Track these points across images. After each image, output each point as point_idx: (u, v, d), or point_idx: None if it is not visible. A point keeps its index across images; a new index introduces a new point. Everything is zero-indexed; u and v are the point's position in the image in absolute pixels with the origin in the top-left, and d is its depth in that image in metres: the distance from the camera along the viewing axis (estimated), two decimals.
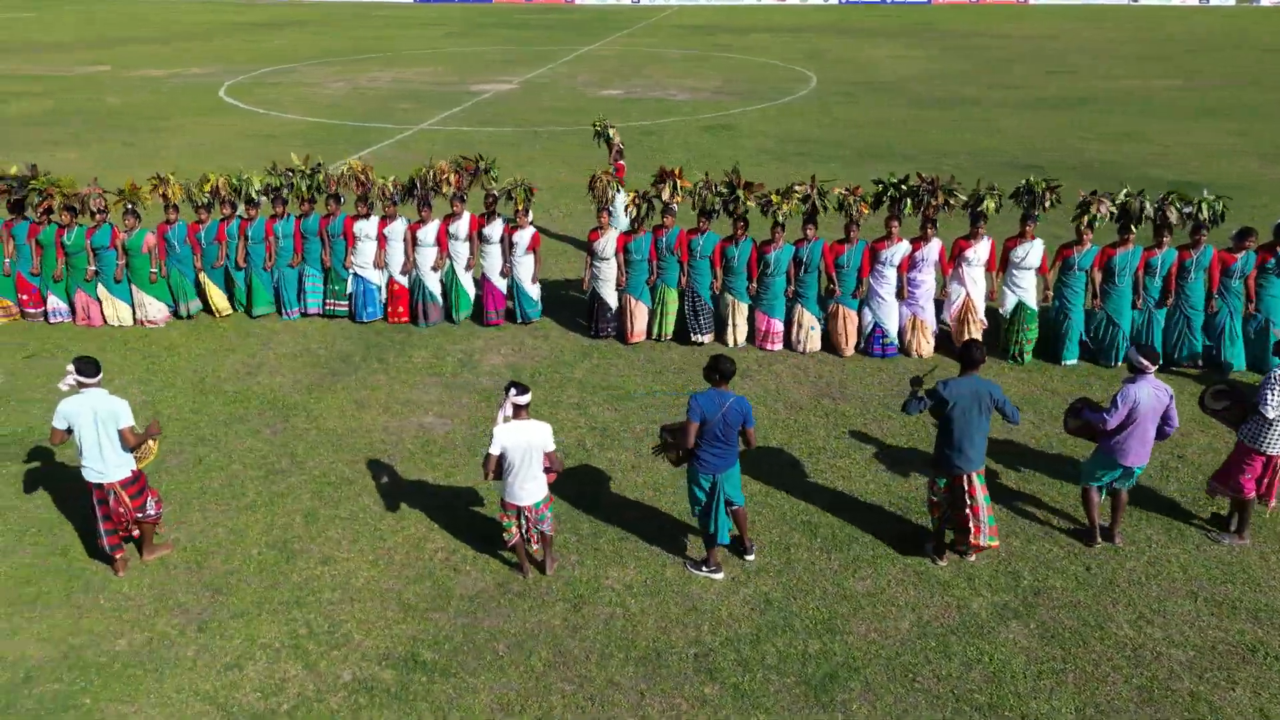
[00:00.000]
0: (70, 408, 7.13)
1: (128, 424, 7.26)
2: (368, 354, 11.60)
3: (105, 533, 7.42)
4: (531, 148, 23.08)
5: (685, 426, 6.97)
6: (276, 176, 12.55)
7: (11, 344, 11.89)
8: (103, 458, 7.22)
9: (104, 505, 7.36)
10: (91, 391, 7.21)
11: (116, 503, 7.37)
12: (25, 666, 6.65)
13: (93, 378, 7.18)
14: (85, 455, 7.20)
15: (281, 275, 12.51)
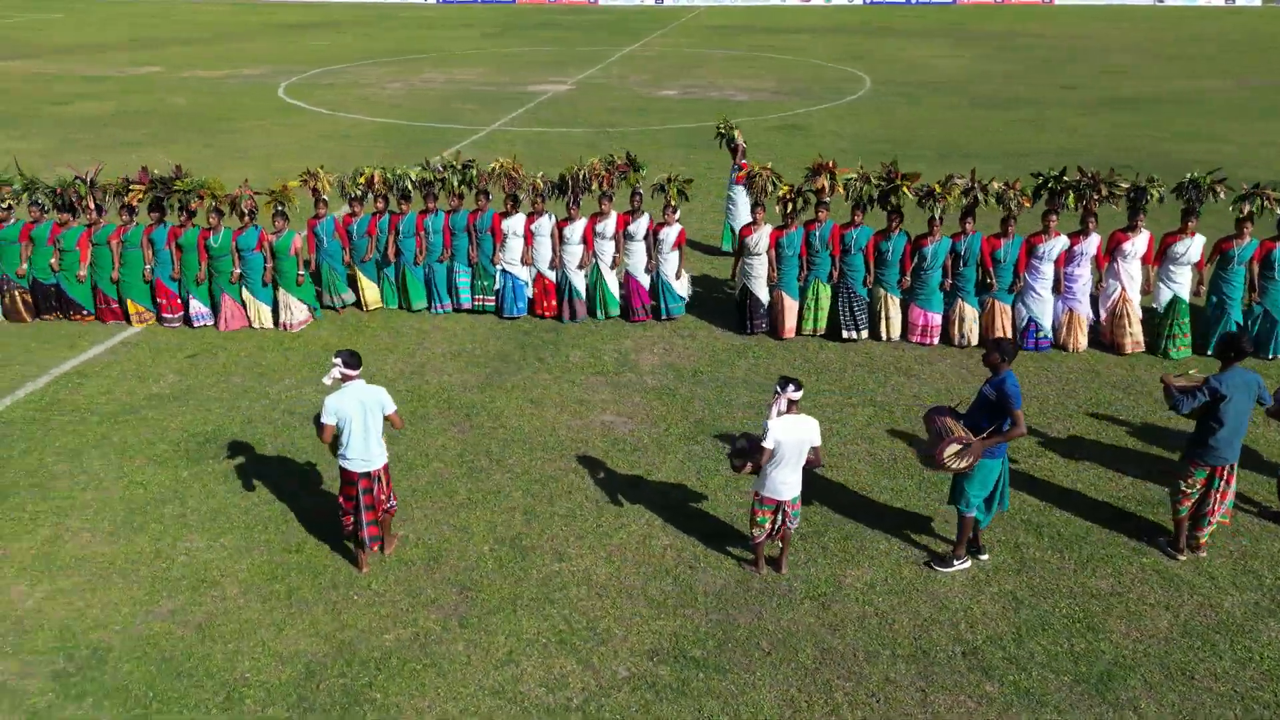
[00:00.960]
0: (339, 402, 7.24)
1: (393, 409, 7.38)
2: (524, 353, 11.67)
3: (367, 523, 7.52)
4: (609, 147, 23.10)
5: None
6: (429, 171, 12.62)
7: (169, 345, 11.97)
8: (368, 446, 7.34)
9: (369, 494, 7.47)
10: (354, 383, 7.32)
11: (380, 490, 7.49)
12: (303, 662, 6.74)
13: (356, 369, 7.28)
14: (351, 446, 7.30)
15: (432, 270, 12.59)
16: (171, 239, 12.23)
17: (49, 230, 12.32)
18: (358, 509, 7.52)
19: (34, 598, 7.41)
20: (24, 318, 12.60)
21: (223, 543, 8.09)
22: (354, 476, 7.43)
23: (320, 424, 7.35)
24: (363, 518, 7.52)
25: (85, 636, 7.00)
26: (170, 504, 8.62)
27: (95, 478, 9.04)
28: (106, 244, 12.26)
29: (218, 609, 7.27)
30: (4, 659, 6.80)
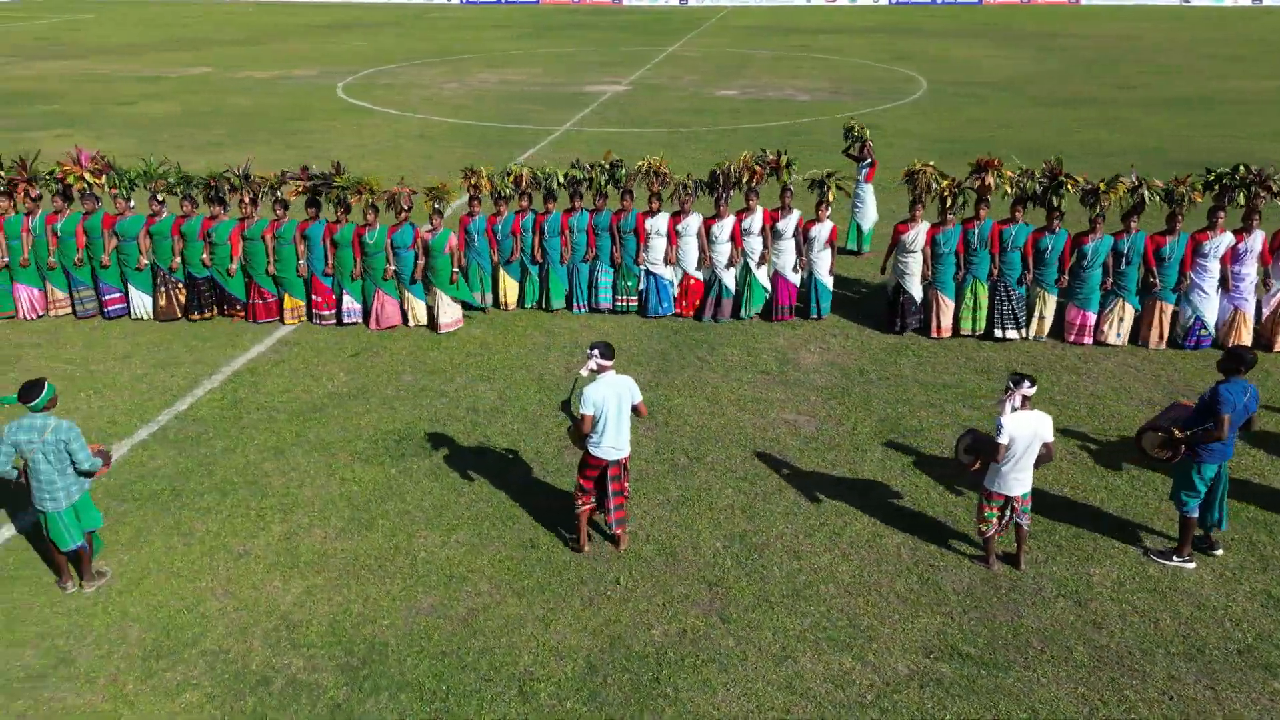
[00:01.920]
0: (598, 393, 7.33)
1: (640, 398, 7.48)
2: (682, 352, 11.73)
3: (614, 507, 7.68)
4: (691, 147, 23.17)
5: None
6: (579, 169, 12.66)
7: (329, 344, 12.04)
8: (620, 435, 7.43)
9: (617, 481, 7.59)
10: (609, 374, 7.40)
11: (625, 478, 7.59)
12: (581, 657, 6.80)
13: (611, 360, 7.36)
14: (605, 435, 7.38)
15: (575, 270, 12.64)
16: (327, 235, 12.27)
17: (199, 224, 12.38)
18: (604, 495, 7.64)
19: (292, 593, 7.48)
20: (175, 314, 12.71)
21: (456, 539, 8.15)
22: (604, 464, 7.52)
23: (576, 414, 7.45)
24: (610, 503, 7.67)
25: (357, 631, 7.06)
26: (390, 500, 8.68)
27: (306, 475, 9.10)
28: (260, 239, 12.33)
29: (476, 604, 7.33)
30: (284, 653, 6.86)
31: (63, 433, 7.03)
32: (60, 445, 7.03)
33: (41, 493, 7.11)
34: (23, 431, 6.97)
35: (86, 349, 11.95)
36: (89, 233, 12.47)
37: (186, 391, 10.78)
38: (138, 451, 9.55)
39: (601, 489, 7.73)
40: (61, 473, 7.10)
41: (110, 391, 10.81)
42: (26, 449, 6.98)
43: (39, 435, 6.97)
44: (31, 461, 7.02)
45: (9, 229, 12.44)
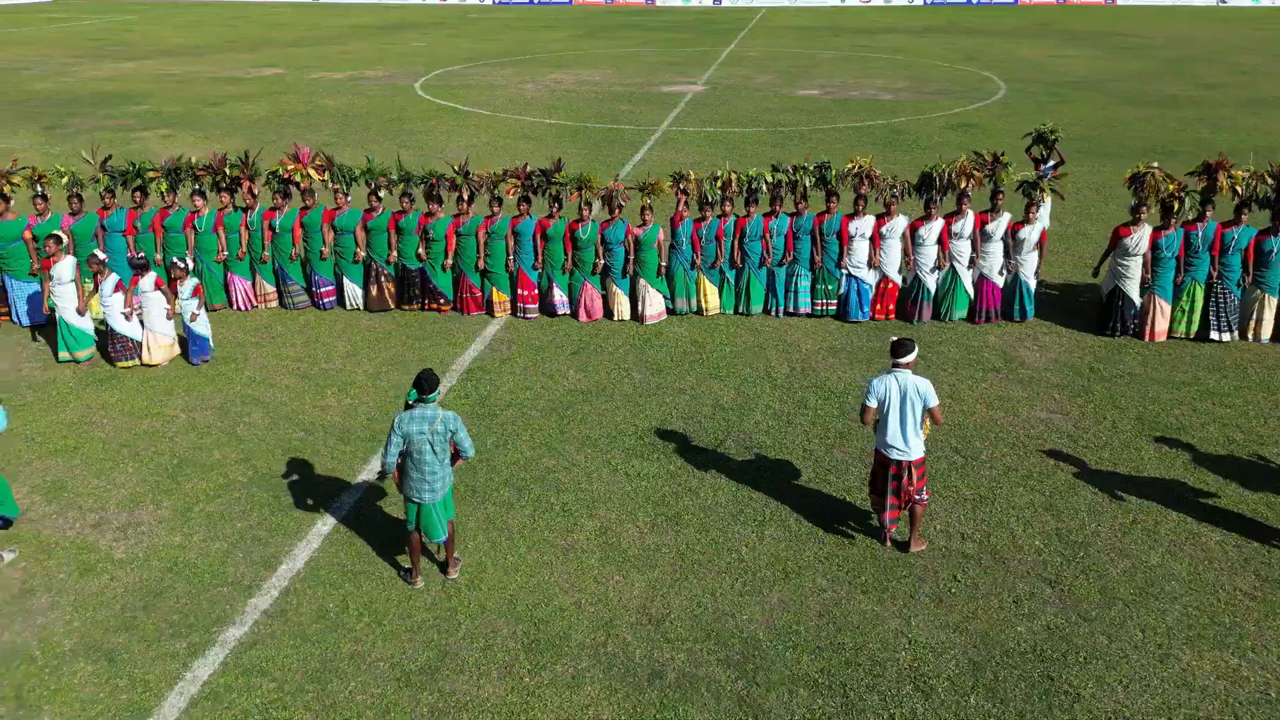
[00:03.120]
0: (885, 386, 7.38)
1: (935, 403, 7.49)
2: None
3: (890, 506, 7.69)
4: (798, 146, 23.18)
5: None
6: (782, 173, 12.70)
7: (547, 342, 12.10)
8: (904, 434, 7.46)
9: (896, 481, 7.60)
10: (902, 371, 7.44)
11: (908, 480, 7.61)
12: (959, 653, 6.85)
13: (903, 356, 7.40)
14: (889, 433, 7.42)
15: (774, 274, 12.68)
16: (539, 231, 12.37)
17: (416, 220, 12.53)
18: (883, 493, 7.67)
19: (637, 587, 7.54)
20: (388, 304, 12.97)
21: (771, 534, 8.20)
22: (884, 461, 7.57)
23: (863, 405, 7.51)
24: (887, 501, 7.68)
25: (720, 625, 7.13)
26: (685, 496, 8.76)
27: (588, 471, 9.17)
28: (474, 235, 12.43)
29: (826, 599, 7.40)
30: (660, 647, 6.93)
31: (451, 423, 7.11)
32: (448, 436, 7.09)
33: (423, 484, 7.18)
34: (414, 422, 7.04)
35: (306, 347, 12.01)
36: (307, 227, 12.71)
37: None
38: None
39: (883, 486, 7.76)
40: (442, 463, 7.17)
41: (354, 390, 10.87)
42: (416, 439, 7.04)
43: (429, 425, 7.03)
44: (418, 452, 7.09)
45: (228, 224, 12.70)
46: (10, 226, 12.16)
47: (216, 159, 12.92)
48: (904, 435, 7.54)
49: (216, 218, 12.66)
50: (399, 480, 7.37)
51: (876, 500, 7.90)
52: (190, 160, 13.01)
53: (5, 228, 12.15)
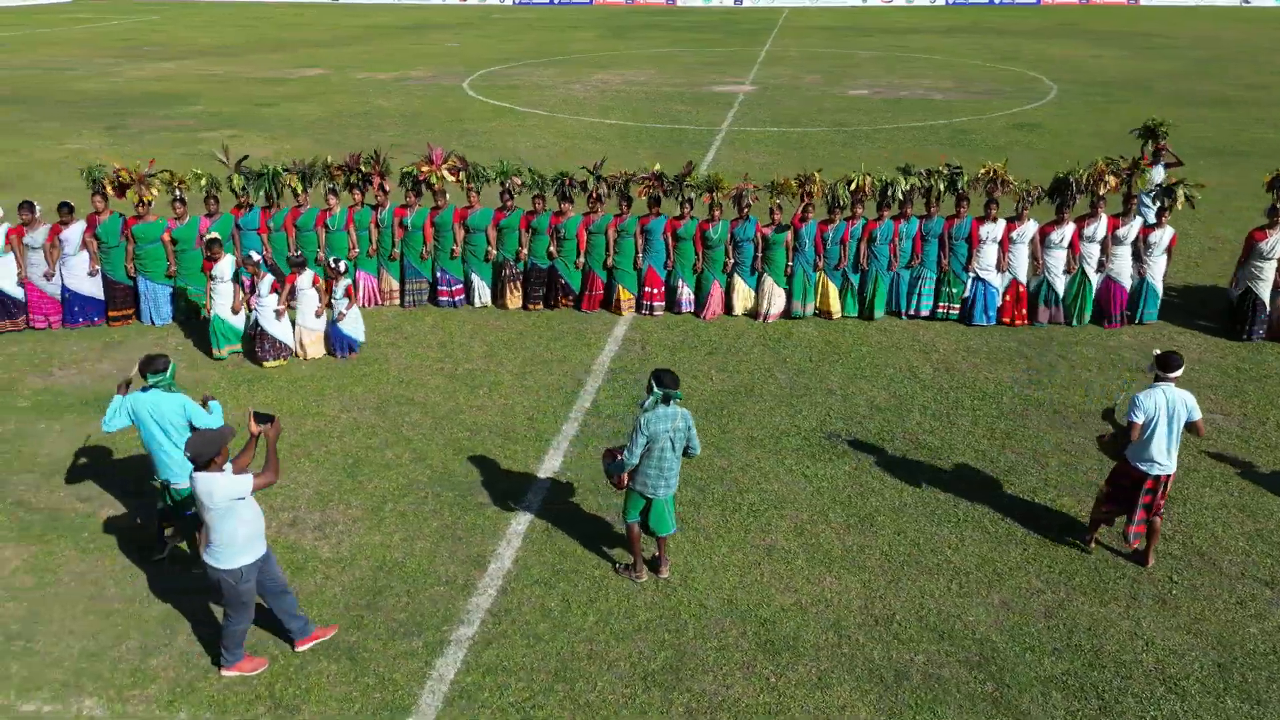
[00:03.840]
0: (1154, 401, 7.37)
1: (1199, 416, 7.48)
2: (1038, 351, 11.79)
3: (1137, 520, 7.67)
4: (866, 146, 23.21)
5: None
6: (915, 176, 12.70)
7: (682, 342, 12.13)
8: (1169, 450, 7.46)
9: (1150, 495, 7.59)
10: (1169, 385, 7.44)
11: (1161, 496, 7.60)
12: (1202, 655, 6.86)
13: (1171, 371, 7.40)
14: (1153, 448, 7.42)
15: (899, 277, 12.68)
16: (669, 230, 12.48)
17: (548, 219, 12.66)
18: (1131, 506, 7.65)
19: (852, 588, 7.59)
20: (516, 302, 13.11)
21: (969, 535, 8.23)
22: (1140, 476, 7.54)
23: (1122, 421, 7.50)
24: (1135, 515, 7.67)
25: (949, 626, 7.16)
26: (869, 497, 8.80)
27: (763, 471, 9.22)
28: (604, 233, 12.52)
29: (1047, 601, 7.43)
30: (895, 647, 6.96)
31: (689, 420, 7.13)
32: (687, 433, 7.11)
33: (660, 480, 7.21)
34: (661, 421, 7.08)
35: (443, 347, 12.02)
36: (439, 226, 12.74)
37: (578, 390, 10.84)
38: (582, 449, 9.60)
39: (1130, 500, 7.74)
40: (677, 459, 7.19)
41: (503, 390, 10.87)
42: (661, 437, 7.06)
43: (671, 423, 7.05)
44: (660, 450, 7.10)
45: (359, 221, 12.72)
46: (150, 228, 12.18)
47: (351, 158, 12.94)
48: (1168, 450, 7.51)
49: (347, 215, 12.67)
50: (627, 479, 7.37)
51: (1110, 511, 7.84)
52: (326, 159, 13.02)
53: (145, 229, 12.16)
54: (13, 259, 12.09)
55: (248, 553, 6.36)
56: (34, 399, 10.64)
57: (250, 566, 6.38)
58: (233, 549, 6.30)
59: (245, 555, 6.35)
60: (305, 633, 6.88)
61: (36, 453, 9.55)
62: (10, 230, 12.01)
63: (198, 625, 7.23)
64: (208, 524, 6.28)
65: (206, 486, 6.14)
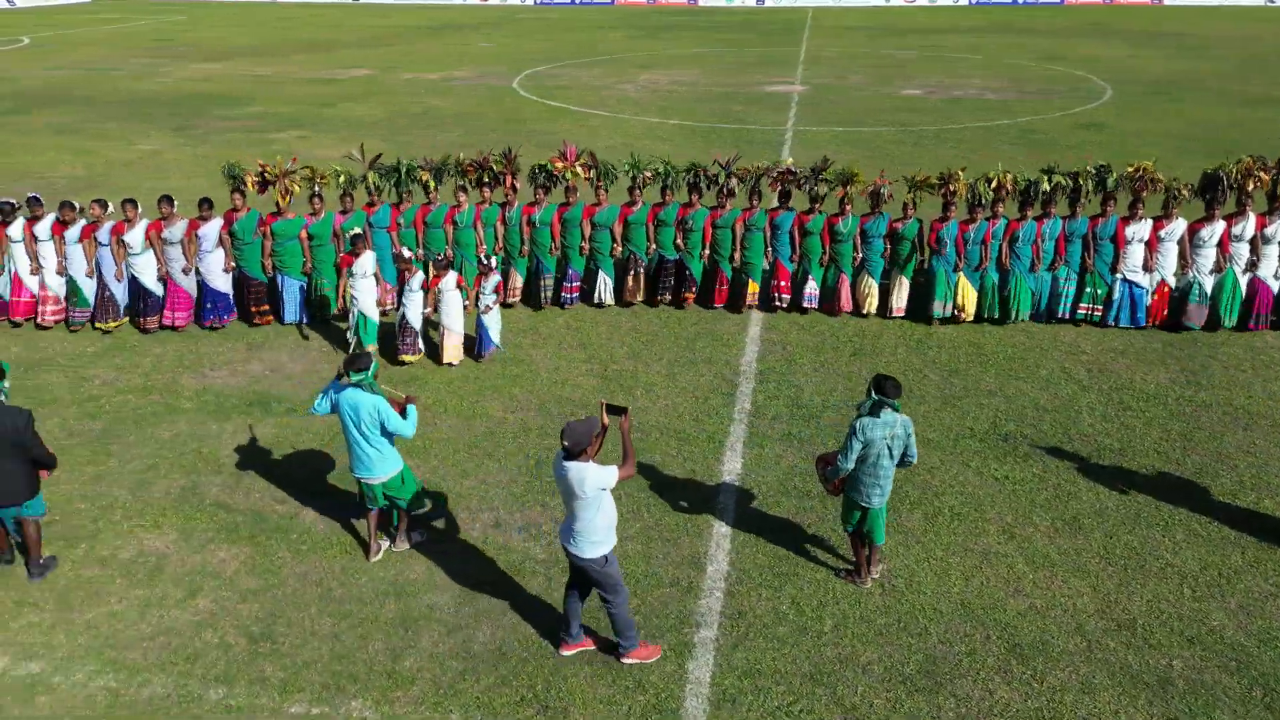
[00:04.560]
0: None
1: None
2: (1188, 351, 11.74)
3: None
4: (938, 147, 23.16)
5: None
6: (1060, 175, 12.62)
7: (820, 343, 12.11)
8: None
9: None
10: None
11: None
12: None
13: None
14: None
15: (1041, 280, 12.61)
16: (797, 225, 12.54)
17: (675, 212, 12.70)
18: None
19: (1083, 590, 7.54)
20: (637, 298, 13.16)
21: (1180, 538, 8.22)
22: None
23: None
24: None
25: (1192, 630, 7.12)
26: (1069, 500, 8.76)
27: (951, 474, 9.18)
28: (731, 227, 12.58)
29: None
30: (1151, 654, 6.89)
31: (909, 427, 7.09)
32: (905, 440, 7.10)
33: (875, 487, 7.19)
34: (879, 428, 7.01)
35: (584, 348, 12.00)
36: (567, 223, 12.77)
37: (733, 392, 10.80)
38: (758, 451, 9.56)
39: None
40: (893, 466, 7.14)
41: (659, 391, 10.84)
42: (878, 444, 7.02)
43: (889, 430, 7.00)
44: (876, 457, 7.06)
45: (486, 219, 12.75)
46: (289, 225, 12.14)
47: (482, 155, 12.91)
48: None
49: (475, 213, 12.63)
50: (839, 485, 7.33)
51: None
52: (458, 157, 12.99)
53: (284, 226, 12.13)
54: (152, 255, 12.04)
55: (606, 542, 6.48)
56: (196, 400, 10.58)
57: (611, 553, 6.52)
58: (595, 537, 6.42)
59: (605, 544, 6.48)
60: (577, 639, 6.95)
61: (217, 454, 9.50)
62: (149, 226, 11.97)
63: (435, 625, 7.17)
64: (572, 512, 6.40)
65: (578, 475, 6.24)
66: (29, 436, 7.24)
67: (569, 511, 6.47)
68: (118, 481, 9.00)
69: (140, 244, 11.93)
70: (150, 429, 9.96)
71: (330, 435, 9.80)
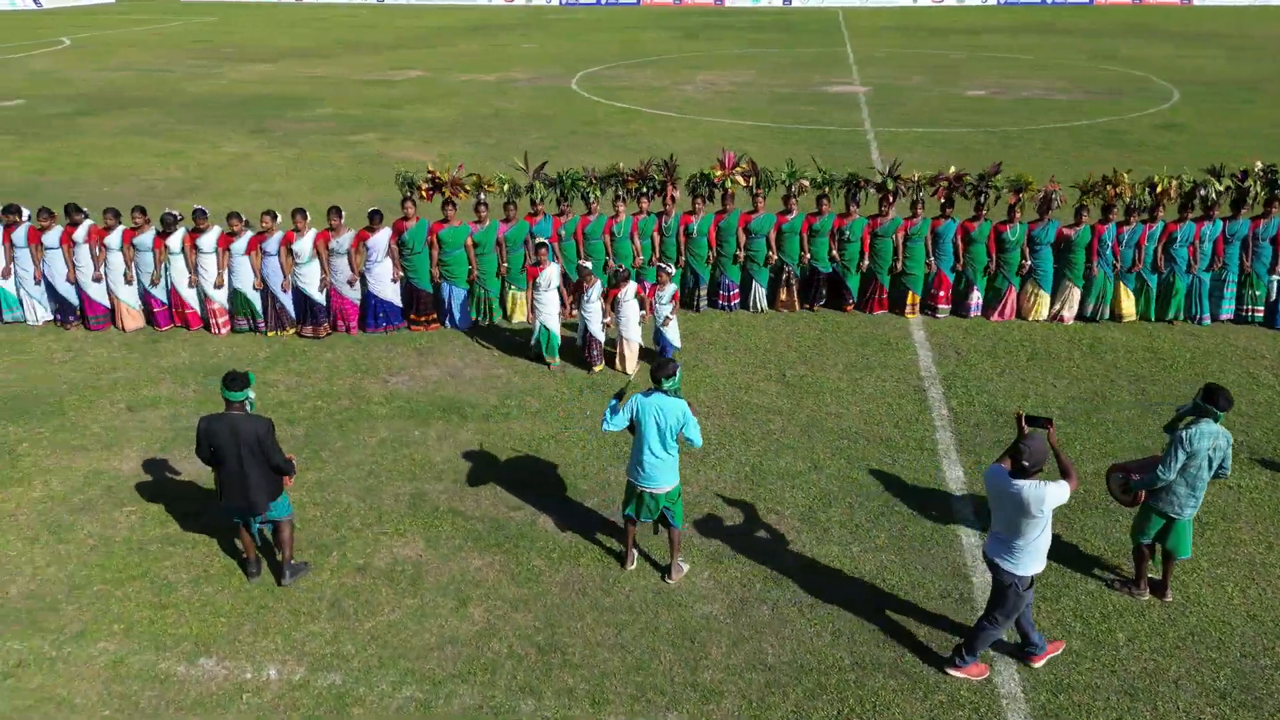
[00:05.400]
0: None
1: None
2: None
3: None
4: (1027, 148, 23.06)
5: None
6: (1229, 178, 12.49)
7: (995, 348, 11.99)
8: None
9: None
10: None
11: None
12: None
13: None
14: None
15: (1199, 282, 12.50)
16: (961, 233, 12.42)
17: (831, 221, 12.67)
18: None
19: None
20: (792, 306, 13.07)
21: None
22: None
23: None
24: None
25: None
26: None
27: None
28: (891, 236, 12.52)
29: None
30: None
31: (1229, 440, 7.00)
32: (1225, 451, 6.99)
33: (1190, 498, 7.11)
34: (1204, 438, 6.90)
35: (750, 353, 11.92)
36: (723, 230, 12.70)
37: (923, 396, 10.69)
38: (975, 459, 9.45)
39: None
40: (1209, 477, 7.01)
41: (848, 397, 10.73)
42: (1201, 454, 6.93)
43: (1212, 441, 6.92)
44: (1197, 467, 6.97)
45: (642, 229, 12.65)
46: (456, 233, 12.05)
47: (643, 165, 12.81)
48: None
49: (632, 223, 12.53)
50: (1142, 496, 7.22)
51: None
52: (619, 166, 12.90)
53: (452, 234, 12.04)
54: (317, 265, 11.94)
55: (1039, 562, 6.36)
56: (387, 405, 10.48)
57: (1036, 576, 6.41)
58: (1034, 556, 6.32)
59: (1037, 564, 6.36)
60: (1041, 648, 6.80)
61: (430, 459, 9.40)
62: (317, 236, 11.86)
63: (718, 637, 7.07)
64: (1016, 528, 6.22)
65: (1036, 494, 6.13)
66: (271, 444, 7.18)
67: (1009, 528, 6.30)
68: (343, 488, 8.90)
69: (308, 253, 11.81)
70: (353, 434, 9.85)
71: (532, 441, 9.72)
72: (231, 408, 7.14)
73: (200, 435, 7.12)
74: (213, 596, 7.46)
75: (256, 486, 7.21)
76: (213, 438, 7.06)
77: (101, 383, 10.92)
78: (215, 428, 7.06)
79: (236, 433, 7.04)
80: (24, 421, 10.04)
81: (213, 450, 7.10)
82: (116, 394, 10.65)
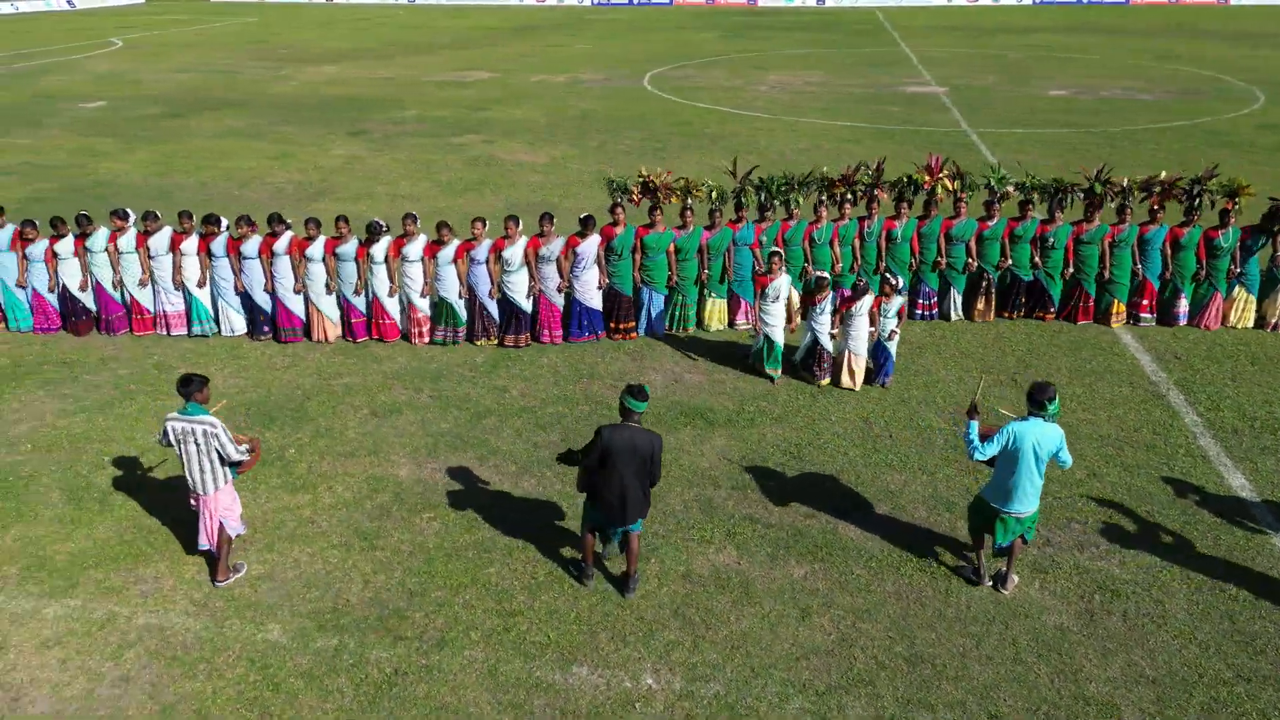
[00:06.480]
0: None
1: None
2: None
3: None
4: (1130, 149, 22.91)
5: None
6: None
7: (1220, 355, 11.85)
8: None
9: None
10: None
11: None
12: None
13: None
14: None
15: None
16: (1170, 240, 12.29)
17: (1034, 228, 12.51)
18: None
19: None
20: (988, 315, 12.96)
21: None
22: None
23: None
24: None
25: None
26: None
27: None
28: (1099, 243, 12.38)
29: None
30: None
31: None
32: None
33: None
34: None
35: (969, 358, 11.79)
36: (924, 237, 12.56)
37: (1164, 401, 10.57)
38: (1251, 465, 9.32)
39: None
40: None
41: (1085, 403, 10.63)
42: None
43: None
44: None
45: (843, 235, 12.47)
46: (660, 239, 11.93)
47: (849, 169, 12.65)
48: None
49: (833, 229, 12.37)
50: None
51: None
52: (823, 171, 12.74)
53: (656, 240, 11.91)
54: (525, 273, 11.78)
55: None
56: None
57: None
58: None
59: None
60: None
61: (697, 464, 9.27)
62: (492, 247, 11.66)
63: (1086, 650, 6.92)
64: None
65: None
66: (659, 459, 7.08)
67: None
68: None
69: (518, 261, 11.65)
70: None
71: (789, 447, 9.62)
72: (630, 419, 7.02)
73: (598, 444, 6.97)
74: (553, 603, 7.34)
75: (635, 500, 7.10)
76: (610, 446, 6.92)
77: (335, 388, 10.79)
78: (615, 437, 6.94)
79: (634, 446, 6.92)
80: (277, 428, 9.92)
81: (603, 458, 6.95)
82: (354, 400, 10.52)
